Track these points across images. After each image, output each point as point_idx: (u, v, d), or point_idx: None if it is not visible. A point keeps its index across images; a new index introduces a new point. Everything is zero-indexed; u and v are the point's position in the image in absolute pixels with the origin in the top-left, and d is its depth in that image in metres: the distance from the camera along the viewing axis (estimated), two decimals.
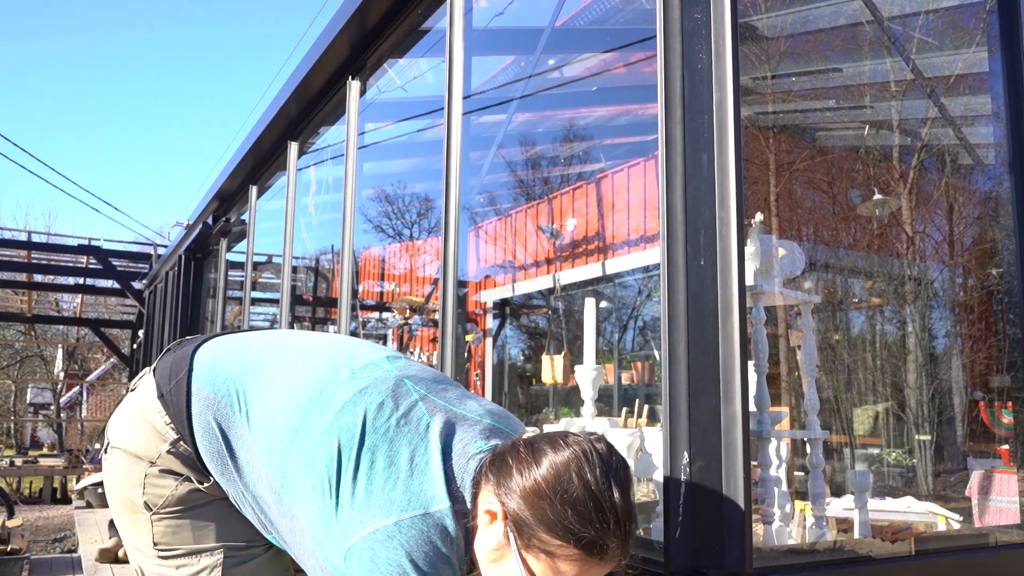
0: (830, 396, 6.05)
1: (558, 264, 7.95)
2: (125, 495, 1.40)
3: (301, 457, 1.25)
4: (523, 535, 1.17)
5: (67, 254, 12.66)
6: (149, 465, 1.38)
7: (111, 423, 1.46)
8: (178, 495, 1.37)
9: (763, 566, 1.43)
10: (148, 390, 1.42)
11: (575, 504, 1.14)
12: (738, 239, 1.44)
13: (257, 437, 1.32)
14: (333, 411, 1.26)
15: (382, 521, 1.17)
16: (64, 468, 12.52)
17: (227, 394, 1.36)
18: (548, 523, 1.15)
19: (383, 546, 1.16)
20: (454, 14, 2.55)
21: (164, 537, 1.38)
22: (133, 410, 1.42)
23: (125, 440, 1.41)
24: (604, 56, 5.47)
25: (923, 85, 5.41)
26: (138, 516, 1.39)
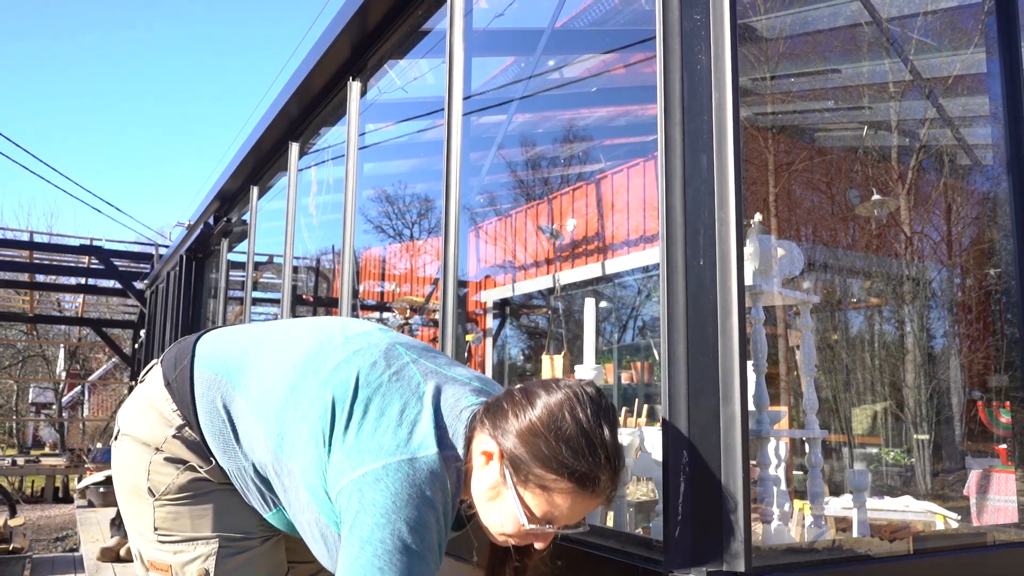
0: (829, 396, 6.06)
1: (558, 264, 7.95)
2: (132, 480, 1.45)
3: (296, 413, 1.32)
4: (519, 472, 1.24)
5: (69, 254, 12.68)
6: (155, 452, 1.43)
7: (121, 412, 1.52)
8: (179, 483, 1.42)
9: (762, 565, 1.44)
10: (155, 379, 1.49)
11: (568, 440, 1.21)
12: (737, 239, 1.45)
13: (255, 405, 1.38)
14: (328, 369, 1.33)
15: (370, 465, 1.22)
16: (66, 467, 12.53)
17: (227, 373, 1.43)
18: (543, 458, 1.22)
19: (370, 488, 1.21)
20: (454, 15, 2.56)
21: (164, 523, 1.43)
22: (142, 399, 1.48)
23: (134, 427, 1.47)
24: (604, 57, 5.48)
25: (921, 86, 5.42)
26: (142, 501, 1.44)
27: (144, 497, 1.44)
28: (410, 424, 1.27)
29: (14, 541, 5.73)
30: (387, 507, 1.20)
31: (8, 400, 22.88)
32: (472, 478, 1.30)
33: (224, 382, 1.42)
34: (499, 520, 1.29)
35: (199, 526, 1.43)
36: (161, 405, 1.45)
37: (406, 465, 1.22)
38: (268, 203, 5.31)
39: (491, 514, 1.29)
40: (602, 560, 1.56)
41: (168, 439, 1.43)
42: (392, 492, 1.21)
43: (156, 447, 1.43)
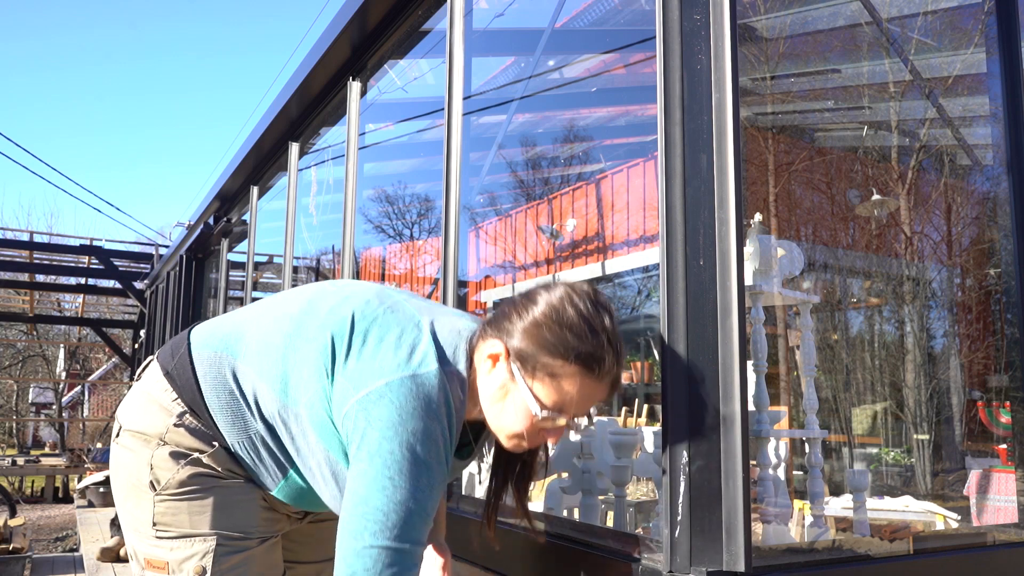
0: (829, 396, 6.06)
1: (558, 264, 7.96)
2: (132, 475, 1.44)
3: (297, 356, 1.36)
4: (527, 364, 1.30)
5: (69, 254, 12.67)
6: (158, 445, 1.43)
7: (120, 410, 1.52)
8: (179, 478, 1.41)
9: (762, 565, 1.44)
10: (153, 374, 1.49)
11: (571, 327, 1.29)
12: (737, 239, 1.45)
13: (257, 361, 1.40)
14: (324, 312, 1.39)
15: (373, 384, 1.27)
16: (66, 467, 12.53)
17: (225, 347, 1.44)
18: (548, 346, 1.29)
19: (375, 405, 1.25)
20: (454, 15, 2.56)
21: (163, 518, 1.42)
22: (140, 394, 1.49)
23: (135, 421, 1.46)
24: (604, 57, 5.48)
25: (921, 86, 5.42)
26: (141, 496, 1.43)
27: (144, 492, 1.43)
28: (409, 346, 1.31)
29: (14, 541, 5.73)
30: (393, 420, 1.24)
31: (8, 400, 22.88)
32: (480, 386, 1.36)
33: (224, 356, 1.43)
34: (511, 419, 1.33)
35: (197, 523, 1.42)
36: (160, 396, 1.45)
37: (408, 381, 1.27)
38: (268, 203, 5.32)
39: (502, 416, 1.34)
40: (602, 560, 1.56)
41: (170, 428, 1.43)
42: (397, 406, 1.25)
43: (159, 438, 1.43)
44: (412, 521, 1.24)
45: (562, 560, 1.66)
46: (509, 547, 1.84)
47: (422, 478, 1.25)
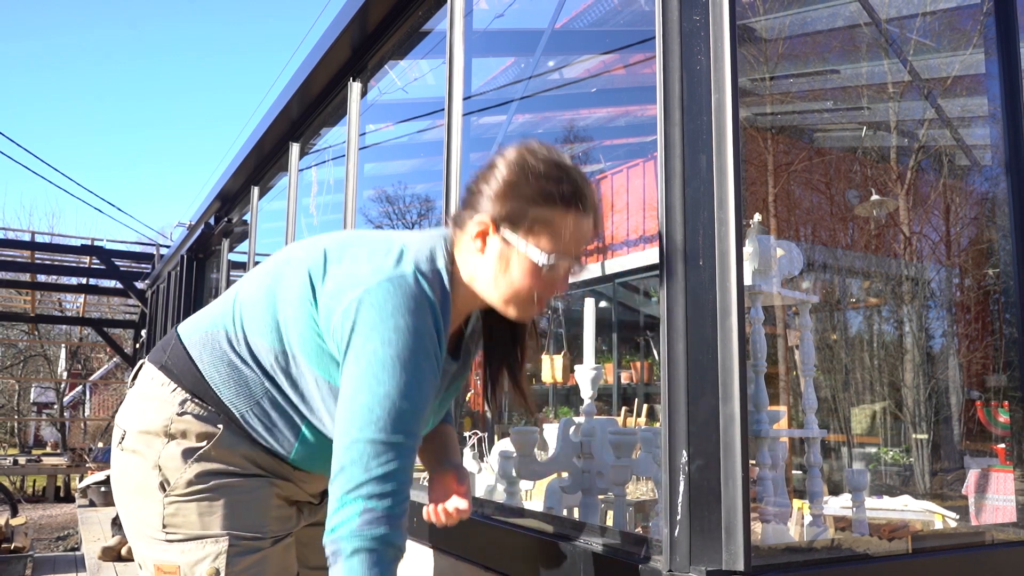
0: (828, 395, 6.07)
1: None
2: (139, 479, 1.41)
3: (281, 300, 1.39)
4: (518, 225, 1.34)
5: (70, 254, 12.67)
6: (165, 441, 1.40)
7: (120, 417, 1.49)
8: (187, 477, 1.38)
9: (761, 564, 1.44)
10: (147, 373, 1.47)
11: (545, 175, 1.33)
12: (737, 240, 1.45)
13: (247, 322, 1.41)
14: (298, 256, 1.42)
15: (352, 293, 1.29)
16: (67, 467, 12.54)
17: (214, 324, 1.45)
18: (532, 197, 1.33)
19: (356, 311, 1.28)
20: (454, 16, 2.56)
21: (173, 519, 1.39)
22: (138, 396, 1.47)
23: (137, 421, 1.43)
24: (603, 58, 5.49)
25: (920, 86, 5.43)
26: (149, 499, 1.40)
27: (152, 494, 1.40)
28: (383, 255, 1.34)
29: (16, 540, 5.74)
30: (373, 321, 1.26)
31: (10, 400, 22.89)
32: (477, 271, 1.38)
33: (216, 331, 1.43)
34: (520, 282, 1.36)
35: (209, 523, 1.39)
36: (158, 392, 1.43)
37: (386, 283, 1.29)
38: (269, 203, 5.32)
39: (511, 284, 1.37)
40: (602, 559, 1.57)
41: (173, 419, 1.40)
42: (377, 307, 1.27)
43: (164, 432, 1.40)
44: (399, 415, 1.24)
45: (562, 559, 1.67)
46: (509, 546, 1.85)
47: (407, 373, 1.25)
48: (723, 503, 1.39)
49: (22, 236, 14.12)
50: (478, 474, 2.99)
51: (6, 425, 22.51)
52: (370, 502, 1.21)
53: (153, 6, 66.52)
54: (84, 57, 62.98)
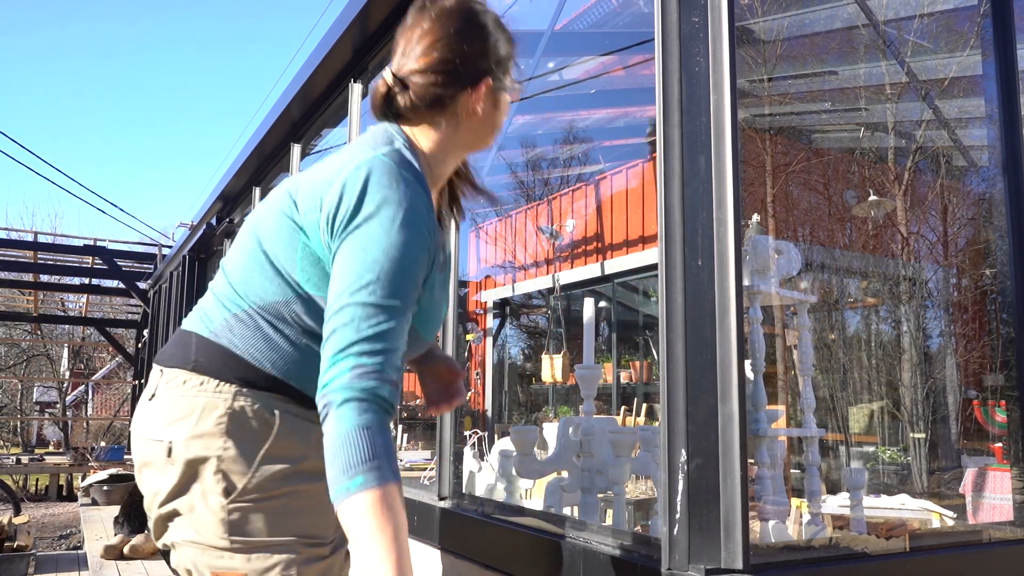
0: (826, 395, 6.08)
1: (558, 264, 7.97)
2: (197, 486, 1.33)
3: (271, 243, 1.36)
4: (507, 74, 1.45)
5: (73, 254, 12.68)
6: (223, 443, 1.32)
7: (156, 431, 1.38)
8: (253, 481, 1.32)
9: (760, 563, 1.45)
10: (175, 378, 1.38)
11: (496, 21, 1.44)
12: (735, 240, 1.46)
13: (250, 282, 1.38)
14: (265, 206, 1.42)
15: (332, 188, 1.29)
16: (70, 466, 12.53)
17: (228, 307, 1.39)
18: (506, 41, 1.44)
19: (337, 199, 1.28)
20: None
21: (238, 526, 1.31)
22: (171, 404, 1.37)
23: (184, 428, 1.34)
24: (603, 59, 5.50)
25: (918, 88, 5.44)
26: (207, 506, 1.32)
27: (212, 499, 1.31)
28: (354, 150, 1.35)
29: (19, 539, 5.75)
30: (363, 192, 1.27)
31: (13, 399, 22.87)
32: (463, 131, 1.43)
33: (233, 314, 1.38)
34: (501, 119, 1.47)
35: (276, 529, 1.33)
36: (198, 393, 1.35)
37: (372, 159, 1.30)
38: None
39: (494, 125, 1.46)
40: (601, 557, 1.58)
41: (228, 416, 1.33)
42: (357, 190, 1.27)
43: (222, 434, 1.32)
44: (390, 279, 1.24)
45: (561, 558, 1.68)
46: (509, 545, 1.86)
47: (397, 237, 1.25)
48: (722, 502, 1.40)
49: (25, 236, 14.09)
50: (478, 473, 3.00)
51: (9, 424, 22.50)
52: (361, 359, 1.19)
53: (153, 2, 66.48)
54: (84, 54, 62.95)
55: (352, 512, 1.15)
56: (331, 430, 1.18)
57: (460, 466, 2.31)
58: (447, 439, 2.35)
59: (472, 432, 3.65)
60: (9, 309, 15.85)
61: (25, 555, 5.58)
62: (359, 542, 1.14)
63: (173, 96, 70.45)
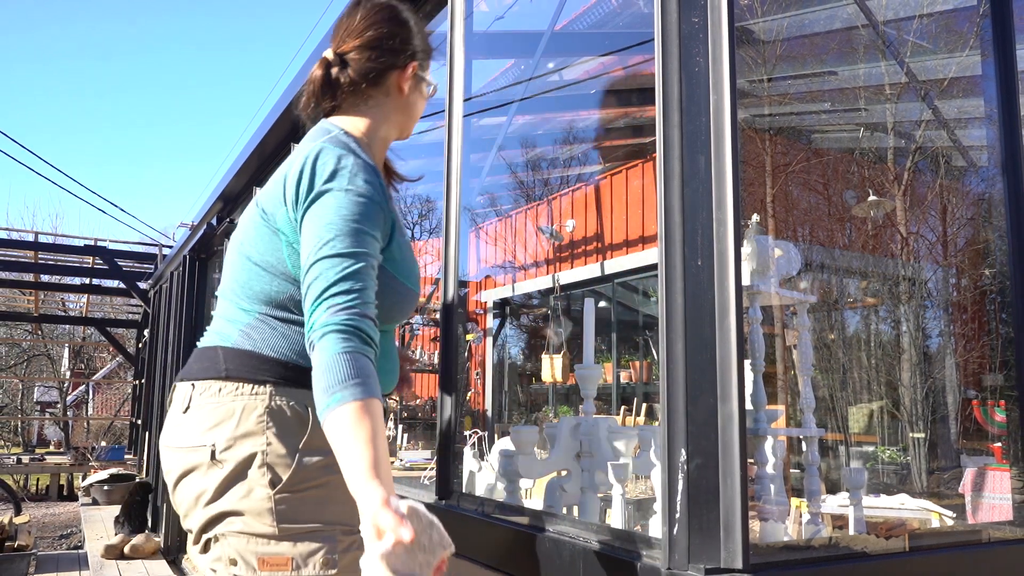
0: (825, 394, 6.09)
1: (558, 264, 7.98)
2: (244, 482, 1.42)
3: (257, 251, 1.51)
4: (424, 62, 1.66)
5: (73, 255, 12.67)
6: (266, 441, 1.42)
7: (198, 437, 1.46)
8: (297, 473, 1.42)
9: (759, 562, 1.44)
10: (208, 389, 1.46)
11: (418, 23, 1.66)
12: (735, 240, 1.46)
13: (252, 288, 1.51)
14: (241, 225, 1.61)
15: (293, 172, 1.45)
16: (70, 465, 12.54)
17: (239, 319, 1.51)
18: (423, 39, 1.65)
19: (308, 167, 1.44)
20: (455, 18, 2.57)
21: (284, 514, 1.41)
22: (208, 411, 1.46)
23: (224, 431, 1.43)
24: (603, 59, 5.50)
25: (917, 88, 5.44)
26: (254, 498, 1.41)
27: (258, 491, 1.41)
28: (306, 144, 1.52)
29: (19, 538, 5.75)
30: (320, 170, 1.43)
31: (13, 399, 22.88)
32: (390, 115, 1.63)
33: (247, 323, 1.49)
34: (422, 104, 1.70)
35: (319, 515, 1.42)
36: (235, 397, 1.44)
37: (322, 144, 1.46)
38: None
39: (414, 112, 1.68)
40: (601, 557, 1.58)
41: (267, 415, 1.43)
42: (310, 169, 1.43)
43: (263, 431, 1.42)
44: (352, 232, 1.37)
45: (561, 557, 1.68)
46: (509, 544, 1.86)
47: (355, 198, 1.40)
48: (722, 501, 1.40)
49: (26, 236, 14.08)
50: (478, 472, 3.00)
51: (10, 424, 22.51)
52: (335, 299, 1.32)
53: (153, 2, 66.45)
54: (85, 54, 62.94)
55: (333, 425, 1.25)
56: (315, 361, 1.30)
57: (460, 466, 2.31)
58: (447, 439, 2.35)
59: (472, 432, 3.65)
60: (10, 309, 15.85)
61: (26, 555, 5.59)
62: (340, 450, 1.24)
63: (173, 96, 70.46)
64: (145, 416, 9.88)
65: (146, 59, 67.48)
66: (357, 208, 1.40)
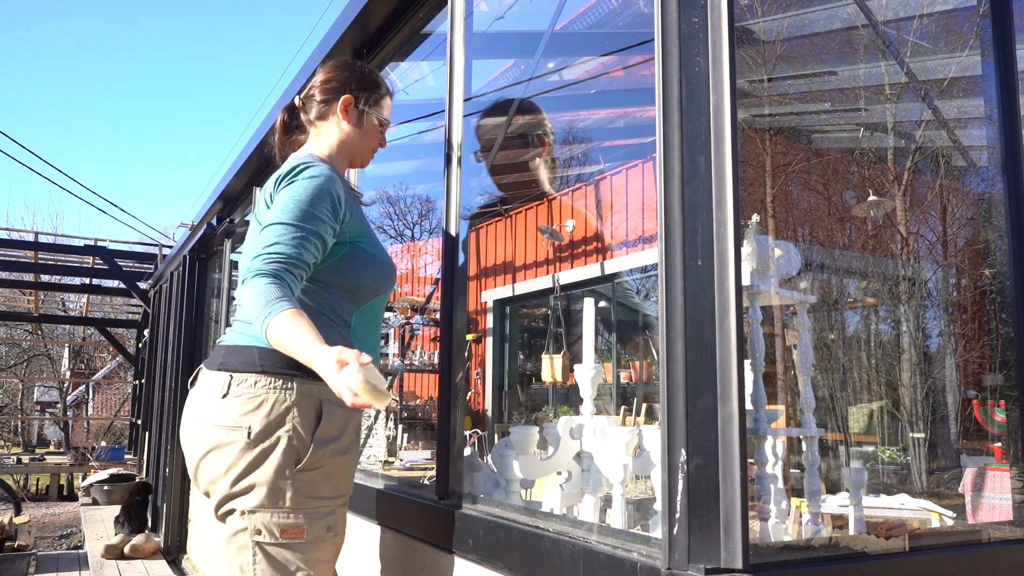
0: (825, 394, 6.09)
1: (558, 264, 7.98)
2: (271, 461, 1.73)
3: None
4: (370, 100, 2.05)
5: (73, 255, 12.67)
6: (290, 428, 1.74)
7: (240, 420, 1.75)
8: (314, 454, 1.75)
9: (760, 562, 1.44)
10: (246, 380, 1.78)
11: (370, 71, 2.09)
12: (735, 240, 1.46)
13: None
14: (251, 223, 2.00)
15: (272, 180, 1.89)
16: (70, 465, 12.54)
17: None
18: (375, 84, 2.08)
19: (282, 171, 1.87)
20: (455, 18, 2.57)
21: (301, 489, 1.74)
22: (249, 399, 1.76)
23: (259, 417, 1.74)
24: (603, 59, 5.50)
25: (917, 88, 5.45)
26: (279, 477, 1.72)
27: (284, 472, 1.72)
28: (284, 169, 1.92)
29: (19, 538, 5.75)
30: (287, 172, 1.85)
31: (13, 399, 22.89)
32: (351, 139, 2.04)
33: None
34: (374, 139, 2.09)
35: (326, 489, 1.78)
36: (271, 391, 1.75)
37: (288, 173, 1.84)
38: None
39: (370, 142, 2.08)
40: (600, 557, 1.58)
41: (290, 405, 1.75)
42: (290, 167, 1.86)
43: (291, 419, 1.73)
44: (295, 211, 1.74)
45: (561, 557, 1.68)
46: (508, 545, 1.86)
47: (309, 192, 1.78)
48: (722, 501, 1.40)
49: (26, 236, 14.08)
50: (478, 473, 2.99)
51: (10, 424, 22.52)
52: (268, 254, 1.69)
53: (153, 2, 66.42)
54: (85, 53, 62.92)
55: (277, 328, 1.58)
56: (246, 293, 1.64)
57: (460, 466, 2.31)
58: (447, 439, 2.35)
59: (472, 432, 3.65)
60: (10, 309, 15.85)
61: (26, 555, 5.59)
62: (288, 341, 1.57)
63: (173, 95, 70.45)
64: (145, 416, 9.88)
65: (146, 58, 67.51)
66: (307, 192, 1.77)
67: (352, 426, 1.88)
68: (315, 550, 1.75)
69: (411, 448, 6.76)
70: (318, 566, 1.76)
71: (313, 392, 1.76)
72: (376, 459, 4.03)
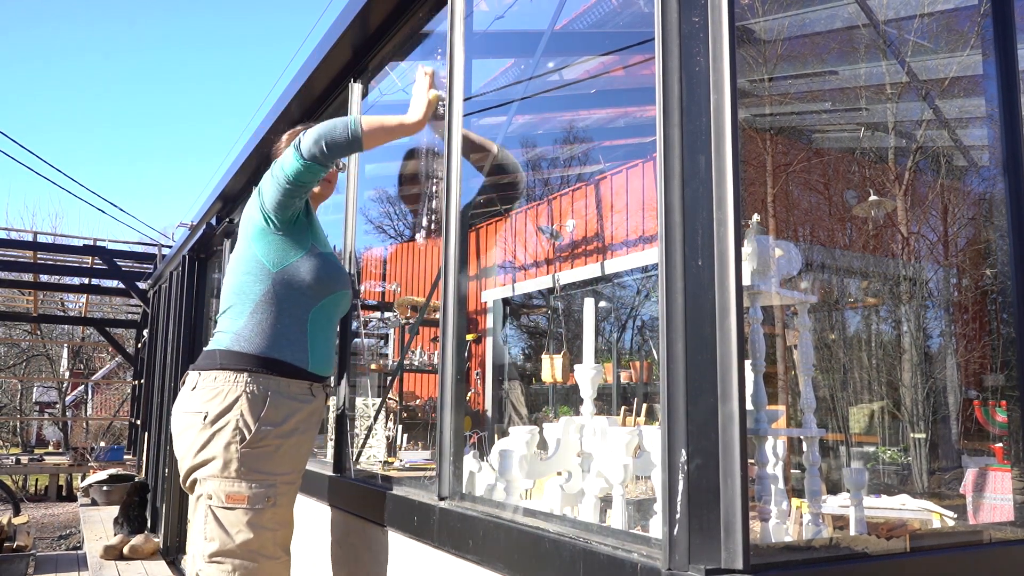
0: (826, 395, 6.08)
1: (558, 264, 7.97)
2: (220, 438, 2.15)
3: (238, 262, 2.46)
4: None
5: (72, 255, 12.69)
6: (239, 412, 2.17)
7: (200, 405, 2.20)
8: (256, 435, 2.18)
9: (760, 563, 1.44)
10: (209, 376, 2.23)
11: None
12: (735, 240, 1.46)
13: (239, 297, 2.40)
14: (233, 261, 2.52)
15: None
16: (69, 466, 12.54)
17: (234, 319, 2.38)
18: None
19: None
20: (455, 17, 2.57)
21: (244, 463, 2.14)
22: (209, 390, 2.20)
23: (216, 405, 2.19)
24: (603, 59, 5.50)
25: (918, 88, 5.44)
26: (229, 452, 2.15)
27: (232, 448, 2.13)
28: None
29: (18, 539, 5.76)
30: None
31: (12, 399, 22.90)
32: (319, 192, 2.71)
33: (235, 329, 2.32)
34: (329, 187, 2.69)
35: (269, 467, 2.17)
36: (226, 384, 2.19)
37: None
38: None
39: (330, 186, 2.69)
40: (600, 557, 1.58)
41: (241, 395, 2.18)
42: None
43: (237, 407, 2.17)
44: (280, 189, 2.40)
45: (561, 558, 1.68)
46: (508, 545, 1.86)
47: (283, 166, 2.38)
48: (722, 502, 1.40)
49: (25, 236, 14.09)
50: (478, 473, 2.99)
51: (9, 424, 22.53)
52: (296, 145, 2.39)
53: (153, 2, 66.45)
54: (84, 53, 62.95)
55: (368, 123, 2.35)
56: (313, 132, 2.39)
57: (460, 466, 2.31)
58: (447, 439, 2.35)
59: (472, 433, 3.65)
60: (9, 309, 15.86)
61: (25, 555, 5.59)
62: (384, 123, 2.35)
63: (173, 95, 70.47)
64: (144, 416, 9.88)
65: (146, 58, 67.52)
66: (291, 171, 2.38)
67: (297, 417, 2.24)
68: (256, 516, 2.11)
69: (411, 448, 6.76)
70: (259, 532, 2.11)
71: (262, 384, 2.19)
72: (376, 459, 4.02)
